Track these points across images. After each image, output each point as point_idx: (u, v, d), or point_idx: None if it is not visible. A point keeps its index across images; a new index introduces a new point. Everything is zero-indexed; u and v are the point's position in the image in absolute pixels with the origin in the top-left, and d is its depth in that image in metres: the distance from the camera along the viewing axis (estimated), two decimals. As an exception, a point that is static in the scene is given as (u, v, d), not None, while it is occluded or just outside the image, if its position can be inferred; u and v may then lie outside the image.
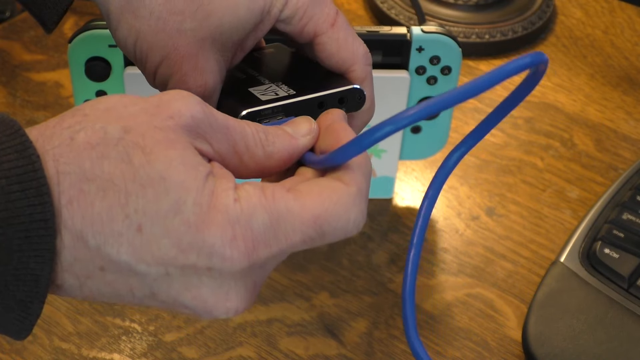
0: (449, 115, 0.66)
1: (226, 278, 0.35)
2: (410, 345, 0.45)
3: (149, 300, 0.35)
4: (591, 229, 0.64)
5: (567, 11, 0.88)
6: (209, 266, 0.34)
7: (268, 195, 0.35)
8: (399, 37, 0.61)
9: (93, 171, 0.33)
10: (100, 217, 0.33)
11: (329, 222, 0.36)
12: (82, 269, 0.34)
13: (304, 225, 0.36)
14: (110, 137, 0.34)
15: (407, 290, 0.43)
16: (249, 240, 0.35)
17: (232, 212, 0.34)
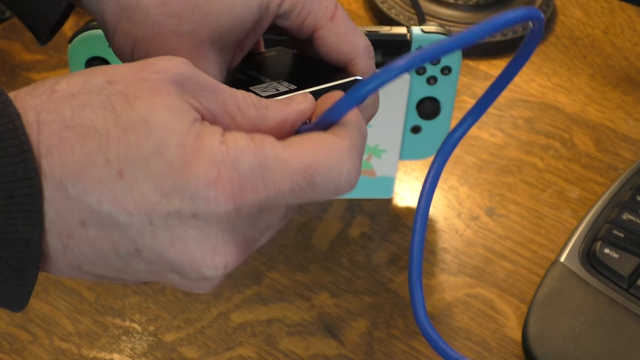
0: (449, 115, 0.66)
1: (213, 227, 0.33)
2: (421, 327, 0.43)
3: (134, 260, 0.34)
4: (591, 229, 0.64)
5: (567, 11, 0.88)
6: (193, 211, 0.33)
7: (257, 141, 0.34)
8: (399, 37, 0.61)
9: (73, 119, 0.32)
10: (80, 164, 0.32)
11: (320, 172, 0.34)
12: (63, 226, 0.33)
13: (294, 173, 0.34)
14: (93, 86, 0.33)
15: (414, 268, 0.42)
16: (235, 182, 0.33)
17: (218, 153, 0.33)
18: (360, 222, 0.67)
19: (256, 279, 0.62)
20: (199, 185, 0.32)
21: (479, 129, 0.75)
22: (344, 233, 0.66)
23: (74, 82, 0.33)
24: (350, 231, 0.66)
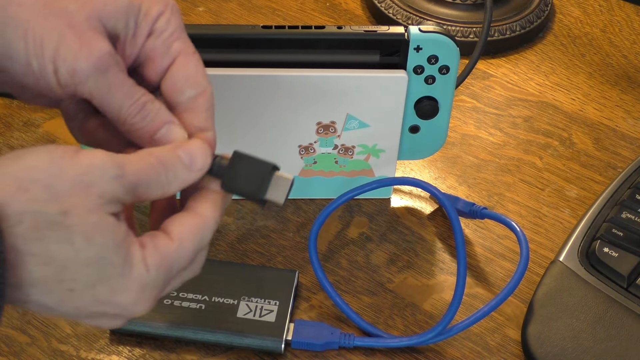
0: (448, 115, 0.65)
1: (122, 319, 0.44)
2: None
3: (50, 312, 0.43)
4: (590, 228, 0.63)
5: (566, 10, 0.88)
6: (117, 313, 0.43)
7: (163, 256, 0.43)
8: (397, 36, 0.61)
9: (37, 249, 0.40)
10: (40, 281, 0.41)
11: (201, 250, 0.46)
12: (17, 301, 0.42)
13: (187, 260, 0.45)
14: (51, 220, 0.40)
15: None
16: (155, 295, 0.44)
17: (145, 280, 0.43)
18: (359, 222, 0.67)
19: (255, 279, 0.62)
20: (128, 304, 0.43)
21: (477, 129, 0.75)
22: (343, 233, 0.66)
23: (35, 216, 0.40)
24: (349, 231, 0.66)
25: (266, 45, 0.61)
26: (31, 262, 0.40)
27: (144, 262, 0.43)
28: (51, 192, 0.40)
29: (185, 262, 0.44)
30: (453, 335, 0.58)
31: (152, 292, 0.43)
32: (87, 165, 0.41)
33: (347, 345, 0.58)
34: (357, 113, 0.63)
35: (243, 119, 0.63)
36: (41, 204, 0.40)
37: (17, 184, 0.40)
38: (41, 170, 0.41)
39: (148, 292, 0.43)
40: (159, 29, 0.46)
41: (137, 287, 0.43)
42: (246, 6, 0.87)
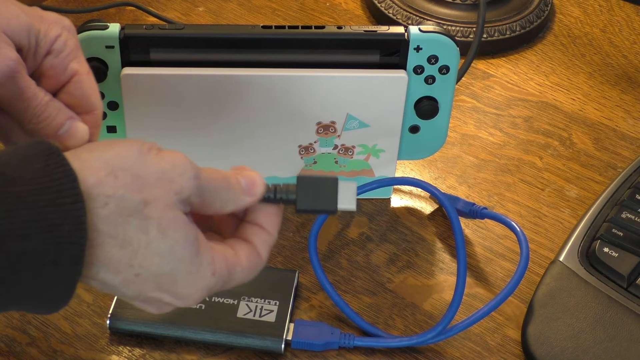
0: (447, 115, 0.65)
1: (172, 307, 0.47)
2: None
3: (111, 291, 0.45)
4: (590, 228, 0.63)
5: (565, 10, 0.88)
6: (170, 302, 0.46)
7: (231, 266, 0.47)
8: (397, 36, 0.61)
9: (117, 231, 0.43)
10: (112, 261, 0.43)
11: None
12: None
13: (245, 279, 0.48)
14: (133, 208, 0.43)
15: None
16: (208, 294, 0.46)
17: (207, 282, 0.45)
18: (359, 222, 0.67)
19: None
20: (188, 296, 0.45)
21: (477, 129, 0.75)
22: (343, 233, 0.66)
23: (120, 201, 0.43)
24: (349, 231, 0.66)
25: (266, 46, 0.61)
26: (109, 243, 0.42)
27: (212, 265, 0.46)
28: (137, 182, 0.43)
29: (239, 283, 0.48)
30: (453, 335, 0.58)
31: (208, 293, 0.46)
32: (171, 163, 0.45)
33: (347, 345, 0.58)
34: (357, 113, 0.63)
35: (243, 119, 0.63)
36: (127, 191, 0.43)
37: (108, 169, 0.43)
38: (131, 160, 0.44)
39: (206, 292, 0.46)
40: (57, 49, 0.50)
41: (198, 286, 0.45)
42: (246, 6, 0.87)
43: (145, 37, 0.60)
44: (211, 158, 0.65)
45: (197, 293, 0.46)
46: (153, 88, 0.61)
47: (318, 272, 0.60)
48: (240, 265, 0.47)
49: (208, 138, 0.64)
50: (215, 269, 0.46)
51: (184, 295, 0.46)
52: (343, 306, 0.59)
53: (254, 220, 0.49)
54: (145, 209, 0.43)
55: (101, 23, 0.60)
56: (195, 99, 0.62)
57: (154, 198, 0.43)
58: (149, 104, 0.62)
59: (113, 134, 0.64)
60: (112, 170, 0.43)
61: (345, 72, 0.62)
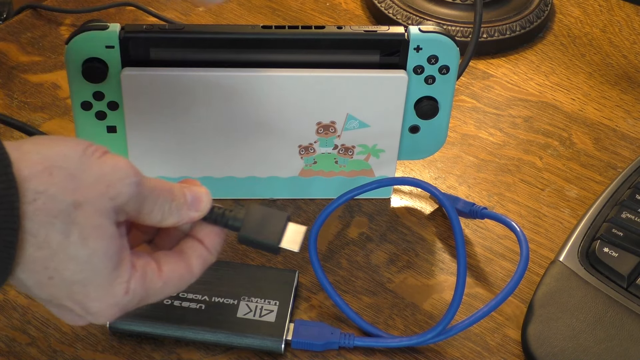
0: (447, 115, 0.65)
1: (84, 321, 0.46)
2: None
3: (26, 291, 0.45)
4: (590, 228, 0.63)
5: (565, 10, 0.88)
6: (82, 315, 0.45)
7: (146, 287, 0.46)
8: (397, 36, 0.61)
9: (38, 231, 0.42)
10: (28, 260, 0.43)
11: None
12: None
13: (162, 296, 0.48)
14: (62, 209, 0.42)
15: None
16: (120, 313, 0.46)
17: (119, 300, 0.45)
18: (359, 222, 0.67)
19: (255, 279, 0.62)
20: (97, 312, 0.45)
21: (477, 129, 0.75)
22: (343, 233, 0.66)
23: (50, 201, 0.42)
24: (349, 231, 0.66)
25: (266, 46, 0.61)
26: (29, 241, 0.42)
27: (127, 283, 0.45)
28: (72, 182, 0.43)
29: (160, 298, 0.48)
30: (453, 335, 0.58)
31: (120, 311, 0.46)
32: (112, 166, 0.44)
33: (347, 345, 0.58)
34: (357, 113, 0.63)
35: (243, 119, 0.63)
36: (59, 191, 0.42)
37: (45, 164, 0.42)
38: (72, 160, 0.43)
39: (117, 310, 0.45)
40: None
41: (110, 303, 0.45)
42: (246, 6, 0.87)
43: (145, 37, 0.60)
44: (211, 158, 0.65)
45: (108, 310, 0.45)
46: (153, 88, 0.61)
47: (318, 272, 0.60)
48: (162, 280, 0.47)
49: (208, 138, 0.64)
50: (128, 288, 0.45)
51: (94, 311, 0.45)
52: (343, 306, 0.59)
53: (195, 235, 0.49)
54: (74, 212, 0.42)
55: (101, 23, 0.60)
56: (195, 99, 0.62)
57: (86, 201, 0.43)
58: (149, 104, 0.62)
59: (113, 134, 0.64)
60: (48, 166, 0.42)
61: (345, 72, 0.62)
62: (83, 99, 0.62)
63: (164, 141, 0.64)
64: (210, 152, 0.65)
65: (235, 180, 0.66)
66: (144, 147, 0.64)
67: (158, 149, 0.64)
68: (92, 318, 0.46)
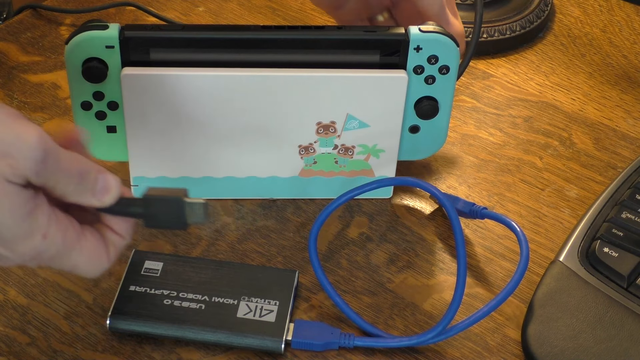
0: (447, 115, 0.65)
1: (3, 260, 0.47)
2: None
3: None
4: (590, 228, 0.63)
5: (565, 10, 0.88)
6: (6, 256, 0.46)
7: (68, 238, 0.47)
8: (397, 36, 0.61)
9: None
10: None
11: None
12: None
13: (72, 262, 0.49)
14: None
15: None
16: (36, 257, 0.47)
17: (38, 244, 0.46)
18: (359, 222, 0.67)
19: (255, 279, 0.62)
20: (15, 250, 0.46)
21: (477, 129, 0.75)
22: (343, 233, 0.66)
23: None
24: (349, 231, 0.66)
25: (266, 46, 0.61)
26: None
27: (43, 228, 0.46)
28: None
29: (76, 265, 0.49)
30: (453, 335, 0.58)
31: (39, 256, 0.47)
32: (15, 136, 0.44)
33: (347, 345, 0.58)
34: (357, 113, 0.63)
35: (243, 119, 0.63)
36: None
37: None
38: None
39: (35, 253, 0.47)
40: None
41: (27, 246, 0.46)
42: (246, 6, 0.87)
43: (145, 37, 0.60)
44: (211, 158, 0.65)
45: (29, 252, 0.46)
46: (153, 88, 0.61)
47: (318, 272, 0.60)
48: (80, 248, 0.48)
49: (208, 138, 0.64)
50: (47, 233, 0.46)
51: (19, 251, 0.46)
52: (343, 306, 0.59)
53: (107, 222, 0.50)
54: None
55: (101, 23, 0.60)
56: (195, 99, 0.62)
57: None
58: (149, 104, 0.62)
59: (113, 133, 0.64)
60: None
61: (345, 72, 0.62)
62: (83, 99, 0.62)
63: (164, 141, 0.64)
64: (210, 152, 0.65)
65: (235, 180, 0.66)
66: (144, 147, 0.64)
67: (158, 149, 0.64)
68: (12, 255, 0.47)
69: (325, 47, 0.61)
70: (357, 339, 0.58)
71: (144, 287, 0.59)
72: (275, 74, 0.61)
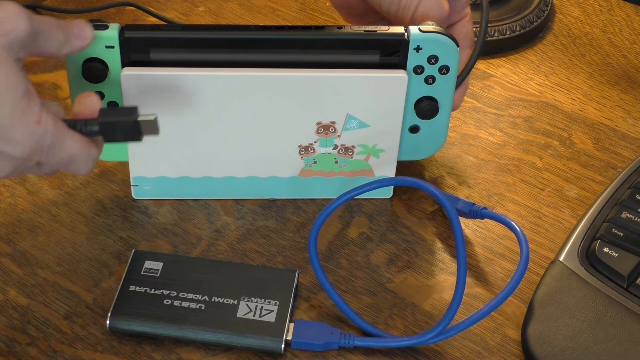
0: (447, 115, 0.65)
1: (5, 161, 0.50)
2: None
3: None
4: (590, 228, 0.63)
5: (565, 10, 0.88)
6: (0, 150, 0.50)
7: (58, 126, 0.51)
8: (397, 36, 0.61)
9: None
10: None
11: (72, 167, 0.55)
12: None
13: (65, 155, 0.53)
14: None
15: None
16: (35, 146, 0.50)
17: (34, 129, 0.50)
18: (359, 222, 0.67)
19: (255, 279, 0.62)
20: (14, 139, 0.50)
21: (477, 129, 0.75)
22: (343, 233, 0.66)
23: None
24: (349, 231, 0.66)
25: (266, 46, 0.61)
26: None
27: (38, 114, 0.50)
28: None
29: (59, 154, 0.52)
30: (453, 335, 0.58)
31: (36, 142, 0.50)
32: (3, 7, 0.49)
33: (347, 345, 0.58)
34: (357, 113, 0.63)
35: (243, 119, 0.63)
36: None
37: None
38: None
39: (34, 140, 0.50)
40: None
41: (27, 130, 0.50)
42: (246, 6, 0.87)
43: (145, 38, 0.60)
44: (211, 158, 0.65)
45: (27, 138, 0.50)
46: (153, 88, 0.61)
47: (318, 272, 0.60)
48: (71, 136, 0.52)
49: (208, 138, 0.64)
50: (40, 119, 0.50)
51: (15, 138, 0.49)
52: (343, 306, 0.59)
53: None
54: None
55: (101, 23, 0.60)
56: (195, 99, 0.62)
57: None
58: (149, 104, 0.62)
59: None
60: None
61: (345, 72, 0.62)
62: (83, 99, 0.62)
63: (164, 141, 0.64)
64: (210, 152, 0.65)
65: (235, 180, 0.66)
66: (144, 147, 0.64)
67: (158, 149, 0.64)
68: (12, 149, 0.50)
69: (325, 47, 0.62)
70: (357, 339, 0.58)
71: (144, 287, 0.59)
72: (275, 74, 0.61)
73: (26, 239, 0.64)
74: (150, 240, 0.65)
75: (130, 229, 0.65)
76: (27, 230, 0.65)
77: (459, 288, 0.57)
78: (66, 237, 0.64)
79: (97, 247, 0.64)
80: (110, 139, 0.55)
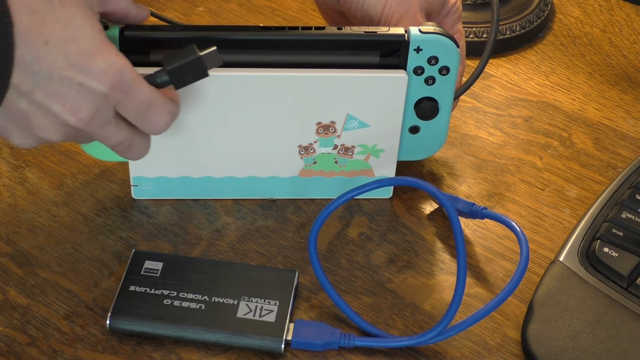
0: (447, 115, 0.65)
1: (87, 96, 0.51)
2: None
3: (25, 98, 0.50)
4: (590, 228, 0.63)
5: (565, 10, 0.88)
6: (81, 82, 0.50)
7: (131, 70, 0.52)
8: (397, 37, 0.61)
9: (31, 3, 0.48)
10: (23, 30, 0.48)
11: (150, 111, 0.55)
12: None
13: (143, 99, 0.54)
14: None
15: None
16: (116, 79, 0.51)
17: (114, 61, 0.51)
18: (359, 222, 0.67)
19: (255, 279, 0.62)
20: (94, 68, 0.50)
21: (477, 129, 0.75)
22: (343, 233, 0.66)
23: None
24: (349, 231, 0.66)
25: (266, 46, 0.61)
26: (20, 12, 0.48)
27: (114, 47, 0.51)
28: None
29: (139, 96, 0.53)
30: (453, 335, 0.58)
31: (118, 72, 0.51)
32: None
33: (347, 345, 0.58)
34: (357, 113, 0.63)
35: (243, 119, 0.63)
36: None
37: None
38: None
39: (115, 70, 0.51)
40: (452, 11, 0.67)
41: (107, 59, 0.51)
42: (246, 6, 0.87)
43: (145, 37, 0.60)
44: (211, 158, 0.65)
45: (109, 68, 0.50)
46: (153, 88, 0.61)
47: (318, 272, 0.60)
48: (147, 85, 0.53)
49: (208, 138, 0.64)
50: (118, 52, 0.51)
51: (96, 69, 0.50)
52: (343, 306, 0.59)
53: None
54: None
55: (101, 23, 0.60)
56: (195, 99, 0.62)
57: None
58: (149, 104, 0.62)
59: (113, 134, 0.64)
60: None
61: (345, 72, 0.62)
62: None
63: (164, 141, 0.64)
64: (210, 152, 0.65)
65: (235, 180, 0.66)
66: (144, 147, 0.64)
67: (158, 149, 0.64)
68: (92, 80, 0.50)
69: (325, 48, 0.62)
70: (357, 339, 0.58)
71: (144, 287, 0.59)
72: (275, 74, 0.61)
73: (26, 239, 0.64)
74: (150, 240, 0.65)
75: (130, 229, 0.65)
76: (27, 230, 0.65)
77: (459, 288, 0.57)
78: (66, 237, 0.64)
79: (97, 247, 0.64)
80: (182, 83, 0.56)
